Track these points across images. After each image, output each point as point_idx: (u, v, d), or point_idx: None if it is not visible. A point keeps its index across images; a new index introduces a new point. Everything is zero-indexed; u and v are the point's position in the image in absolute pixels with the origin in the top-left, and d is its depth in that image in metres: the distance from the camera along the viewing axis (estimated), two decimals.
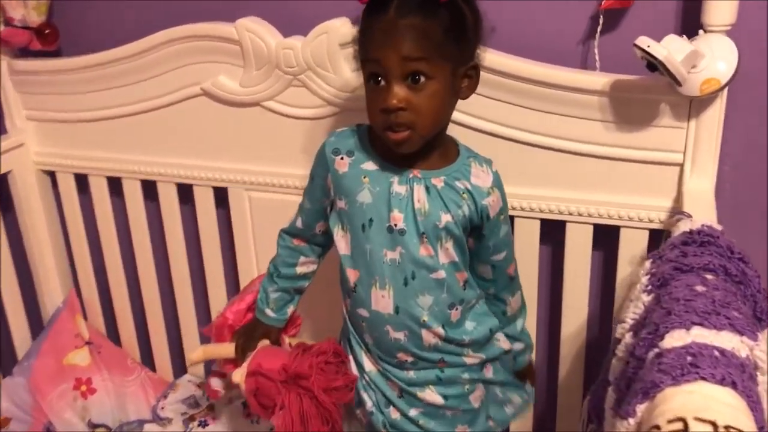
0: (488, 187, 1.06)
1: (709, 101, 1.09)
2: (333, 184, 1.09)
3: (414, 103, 0.97)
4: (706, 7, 1.05)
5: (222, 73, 1.37)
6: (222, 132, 1.43)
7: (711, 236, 0.93)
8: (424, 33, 0.95)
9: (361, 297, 1.08)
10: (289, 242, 1.20)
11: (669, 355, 0.75)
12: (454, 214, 1.03)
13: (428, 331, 1.06)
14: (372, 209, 1.05)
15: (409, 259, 1.04)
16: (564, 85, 1.16)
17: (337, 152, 1.09)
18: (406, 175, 1.04)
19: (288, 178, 1.41)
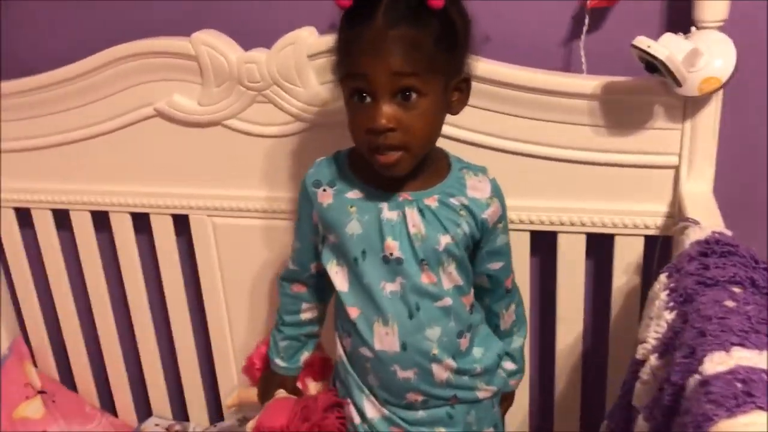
0: (487, 198, 0.98)
1: (705, 100, 1.05)
2: (320, 220, 1.00)
3: (405, 122, 0.88)
4: (698, 3, 1.00)
5: (177, 91, 1.26)
6: (179, 155, 1.31)
7: (731, 246, 0.88)
8: (416, 45, 0.86)
9: (363, 336, 0.98)
10: (288, 289, 1.11)
11: (716, 383, 0.69)
12: (453, 234, 0.95)
13: (439, 365, 0.98)
14: (363, 240, 0.96)
15: (411, 289, 0.96)
16: (551, 90, 1.09)
17: (318, 184, 1.00)
18: (396, 199, 0.96)
19: (255, 201, 1.31)
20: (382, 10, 0.86)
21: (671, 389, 0.77)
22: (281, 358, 1.12)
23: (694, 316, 0.80)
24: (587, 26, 1.10)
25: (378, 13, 0.86)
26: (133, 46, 1.23)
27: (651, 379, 0.86)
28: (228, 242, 1.36)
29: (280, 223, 1.31)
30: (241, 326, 1.43)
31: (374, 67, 0.86)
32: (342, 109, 1.16)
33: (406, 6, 0.87)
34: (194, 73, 1.24)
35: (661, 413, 0.79)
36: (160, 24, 1.26)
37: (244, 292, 1.39)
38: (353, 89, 0.90)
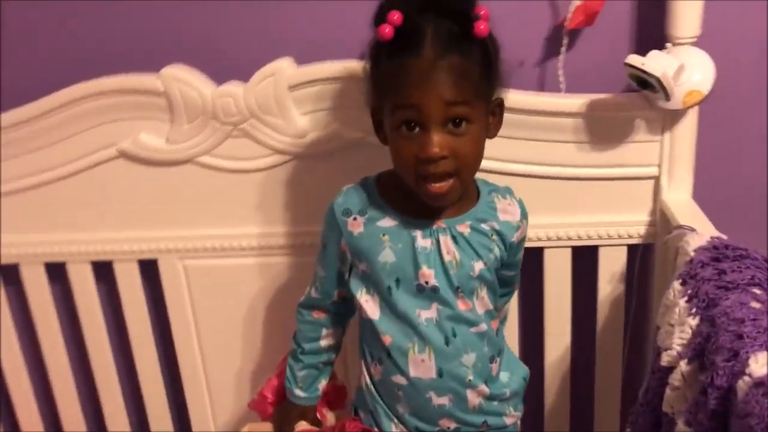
0: (517, 221, 1.00)
1: (683, 113, 1.10)
2: (349, 248, 0.98)
3: (456, 149, 0.88)
4: (672, 20, 1.06)
5: (143, 130, 1.20)
6: (146, 197, 1.25)
7: (743, 249, 0.92)
8: (464, 74, 0.87)
9: (397, 364, 0.97)
10: (308, 316, 1.07)
11: None
12: (486, 260, 0.96)
13: (473, 390, 0.98)
14: (397, 268, 0.95)
15: (448, 317, 0.95)
16: (538, 110, 1.12)
17: (348, 213, 0.97)
18: (430, 226, 0.95)
19: (231, 240, 1.26)
20: (428, 41, 0.86)
21: (716, 393, 0.79)
22: (300, 388, 1.08)
23: (723, 320, 0.83)
24: (565, 46, 1.14)
25: (425, 44, 0.86)
26: (95, 85, 1.16)
27: (683, 385, 0.88)
28: (201, 285, 1.30)
29: (256, 260, 1.27)
30: (217, 373, 1.36)
31: (426, 98, 0.86)
32: (321, 139, 1.17)
33: (450, 35, 0.87)
34: (162, 111, 1.18)
35: (706, 417, 0.81)
36: (116, 61, 1.20)
37: (220, 336, 1.33)
38: (402, 120, 0.88)
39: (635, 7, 1.13)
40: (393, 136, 0.91)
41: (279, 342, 1.32)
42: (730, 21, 1.12)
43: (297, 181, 1.21)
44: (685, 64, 1.03)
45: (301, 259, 1.25)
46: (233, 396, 1.38)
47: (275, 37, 1.19)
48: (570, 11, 1.09)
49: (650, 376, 0.96)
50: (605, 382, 1.29)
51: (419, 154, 0.88)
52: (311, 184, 1.21)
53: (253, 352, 1.34)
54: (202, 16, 1.19)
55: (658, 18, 1.10)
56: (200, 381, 1.36)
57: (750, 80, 1.16)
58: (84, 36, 1.22)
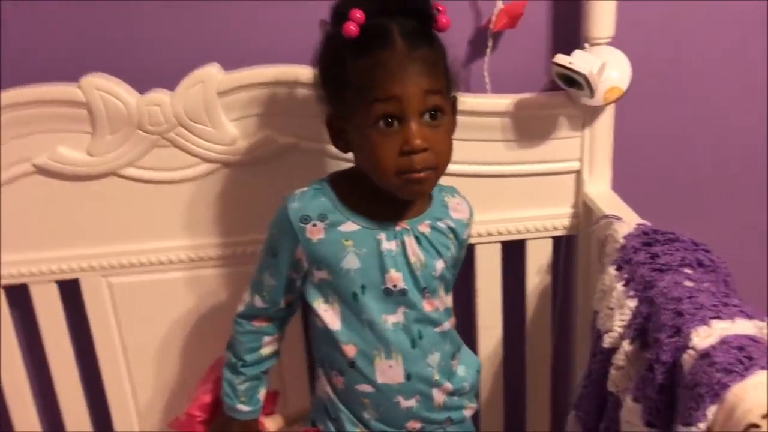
0: (467, 218, 1.02)
1: (601, 109, 1.16)
2: (307, 256, 0.95)
3: (435, 141, 0.89)
4: (589, 22, 1.12)
5: (61, 143, 1.14)
6: (64, 213, 1.18)
7: (671, 233, 0.98)
8: (435, 64, 0.89)
9: (362, 372, 0.96)
10: (248, 326, 1.02)
11: (716, 353, 0.77)
12: (446, 258, 0.98)
13: (439, 389, 0.99)
14: (362, 274, 0.94)
15: (415, 319, 0.96)
16: (466, 111, 1.13)
17: (306, 219, 0.94)
18: (393, 228, 0.95)
19: (158, 254, 1.21)
20: (398, 34, 0.87)
21: (662, 368, 0.84)
22: (243, 402, 1.04)
23: (662, 300, 0.89)
24: (481, 48, 1.18)
25: (395, 37, 0.87)
26: (8, 96, 1.10)
27: (626, 364, 0.93)
28: (128, 302, 1.24)
29: (186, 274, 1.24)
30: (147, 394, 1.31)
31: (406, 88, 0.86)
32: (252, 146, 1.16)
33: (415, 30, 0.88)
34: (83, 122, 1.13)
35: (654, 391, 0.86)
36: (31, 71, 1.14)
37: (149, 354, 1.28)
38: (381, 114, 0.87)
39: (553, 9, 1.18)
40: (368, 135, 0.89)
41: (212, 358, 1.29)
42: (642, 21, 1.20)
43: (228, 190, 1.19)
44: (605, 62, 1.09)
45: (234, 269, 1.23)
46: (163, 417, 1.33)
47: (199, 44, 1.16)
48: (494, 14, 1.13)
49: (592, 358, 1.01)
50: (536, 368, 1.34)
51: (402, 146, 0.87)
52: (243, 193, 1.19)
53: (185, 370, 1.30)
54: (121, 23, 1.15)
55: (574, 20, 1.16)
56: (128, 406, 1.31)
57: (660, 77, 1.24)
58: None
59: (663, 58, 1.23)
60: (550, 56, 1.15)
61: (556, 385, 1.37)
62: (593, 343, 1.02)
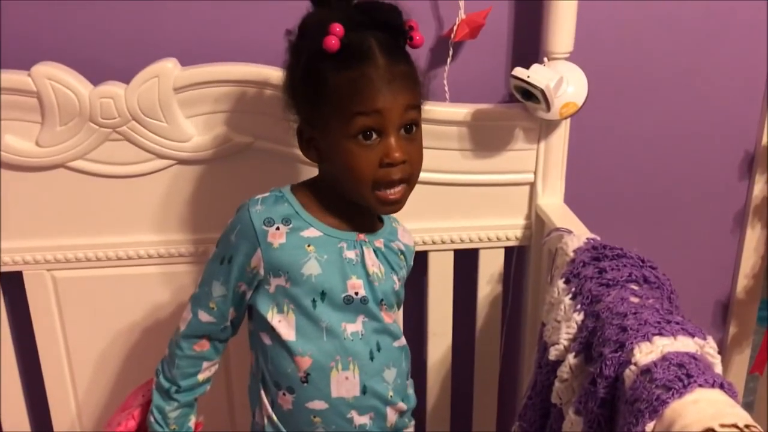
0: (413, 245, 1.06)
1: (557, 123, 1.18)
2: (266, 261, 0.92)
3: (411, 155, 0.91)
4: (549, 37, 1.13)
5: (9, 132, 1.11)
6: (10, 204, 1.15)
7: (620, 249, 1.00)
8: (414, 79, 0.92)
9: (316, 387, 0.94)
10: (189, 350, 0.98)
11: (657, 370, 0.79)
12: (399, 276, 0.99)
13: (392, 408, 0.99)
14: (323, 280, 0.92)
15: (374, 329, 0.96)
16: (427, 119, 1.14)
17: (270, 222, 0.92)
18: (353, 239, 0.95)
19: (106, 249, 1.19)
20: (379, 49, 0.88)
21: (605, 382, 0.86)
22: (173, 430, 1.00)
23: (607, 315, 0.90)
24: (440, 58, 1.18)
25: (376, 52, 0.88)
26: None
27: (570, 377, 0.94)
28: (72, 297, 1.21)
29: (131, 270, 1.21)
30: (88, 394, 1.28)
31: (390, 103, 0.87)
32: (208, 144, 1.15)
33: (392, 45, 0.90)
34: (32, 112, 1.10)
35: (596, 405, 0.87)
36: None
37: (91, 351, 1.25)
38: (361, 128, 0.88)
39: (514, 22, 1.19)
40: (346, 147, 0.89)
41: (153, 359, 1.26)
42: (600, 37, 1.22)
43: (181, 188, 1.17)
44: (562, 77, 1.11)
45: (180, 269, 1.21)
46: (103, 418, 1.30)
47: (156, 38, 1.14)
48: (455, 24, 1.14)
49: (537, 370, 1.02)
50: (484, 377, 1.35)
51: (383, 159, 0.88)
52: (197, 191, 1.17)
53: (127, 370, 1.28)
54: (80, 11, 1.12)
55: (534, 34, 1.17)
56: (70, 405, 1.28)
57: (617, 92, 1.26)
58: None
59: (619, 74, 1.25)
60: (509, 68, 1.16)
61: (503, 394, 1.38)
62: (539, 355, 1.03)
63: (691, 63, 1.27)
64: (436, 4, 1.17)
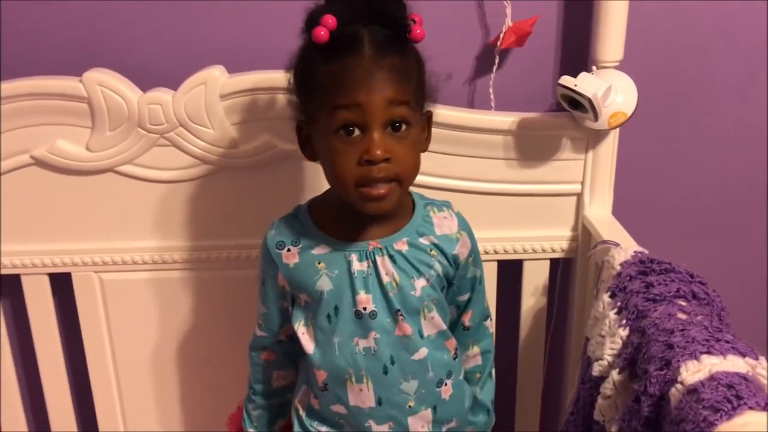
0: (455, 233, 0.96)
1: (605, 133, 1.15)
2: (287, 281, 0.94)
3: (397, 153, 0.85)
4: (598, 45, 1.11)
5: (61, 136, 1.14)
6: (60, 207, 1.18)
7: (668, 263, 0.97)
8: (404, 74, 0.86)
9: (335, 394, 0.95)
10: (257, 359, 1.03)
11: (705, 390, 0.76)
12: (428, 276, 0.93)
13: (416, 417, 0.96)
14: (335, 296, 0.92)
15: (386, 344, 0.93)
16: (470, 127, 1.14)
17: (281, 245, 0.94)
18: (364, 249, 0.92)
19: (152, 253, 1.21)
20: (366, 42, 0.84)
21: (649, 400, 0.83)
22: (254, 427, 1.05)
23: (653, 331, 0.88)
24: (496, 65, 1.17)
25: (364, 44, 0.84)
26: (10, 88, 1.09)
27: (614, 394, 0.92)
28: (119, 300, 1.24)
29: (176, 274, 1.23)
30: (133, 396, 1.30)
31: (370, 96, 0.83)
32: (251, 151, 1.15)
33: (387, 38, 0.86)
34: (83, 117, 1.12)
35: (639, 424, 0.84)
36: (36, 64, 1.14)
37: (137, 353, 1.27)
38: (342, 122, 0.85)
39: (562, 30, 1.17)
40: (329, 142, 0.87)
41: (200, 358, 1.28)
42: (651, 47, 1.19)
43: (225, 193, 1.18)
44: (611, 86, 1.08)
45: (227, 273, 1.22)
46: (149, 416, 1.32)
47: (204, 46, 1.16)
48: (502, 32, 1.12)
49: (580, 386, 1.00)
50: (526, 391, 1.32)
51: (362, 156, 0.84)
52: (240, 196, 1.18)
53: (174, 370, 1.29)
54: (128, 21, 1.15)
55: (583, 42, 1.15)
56: (114, 405, 1.30)
57: (667, 103, 1.23)
58: (2, 37, 1.15)
59: (671, 83, 1.22)
60: (556, 77, 1.14)
61: (546, 408, 1.35)
62: (582, 370, 1.01)
63: (746, 71, 1.23)
64: (483, 12, 1.16)
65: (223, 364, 1.27)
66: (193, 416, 1.33)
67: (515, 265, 1.25)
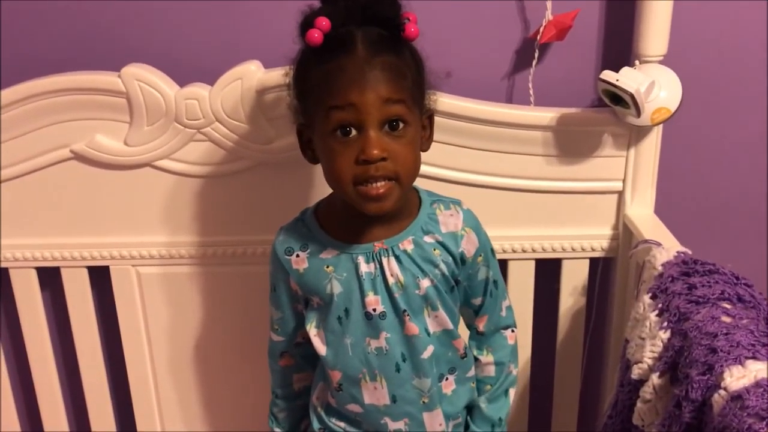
0: (460, 230, 0.94)
1: (648, 129, 1.12)
2: (299, 285, 0.95)
3: (395, 151, 0.85)
4: (641, 39, 1.07)
5: (100, 131, 1.15)
6: (99, 201, 1.19)
7: (712, 264, 0.94)
8: (400, 72, 0.85)
9: (350, 394, 0.95)
10: (275, 365, 1.05)
11: (750, 397, 0.73)
12: (432, 276, 0.92)
13: (431, 413, 0.96)
14: (345, 299, 0.92)
15: (396, 343, 0.93)
16: (508, 123, 1.12)
17: (290, 251, 0.94)
18: (370, 250, 0.92)
19: (189, 247, 1.22)
20: (360, 42, 0.84)
21: (691, 406, 0.81)
22: (282, 427, 1.06)
23: (696, 334, 0.85)
24: (536, 60, 1.14)
25: (357, 44, 0.84)
26: (51, 83, 1.11)
27: (654, 398, 0.89)
28: (156, 293, 1.25)
29: (214, 269, 1.23)
30: (170, 389, 1.31)
31: (364, 95, 0.82)
32: (286, 147, 1.15)
33: (381, 37, 0.86)
34: (121, 111, 1.13)
35: (680, 430, 0.82)
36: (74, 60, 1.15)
37: (173, 347, 1.29)
38: (338, 123, 0.84)
39: (604, 23, 1.14)
40: (326, 144, 0.86)
41: (234, 354, 1.29)
42: (695, 41, 1.15)
43: (261, 189, 1.18)
44: (654, 81, 1.05)
45: (255, 269, 1.21)
46: (184, 408, 1.33)
47: (241, 41, 1.16)
48: (542, 25, 1.10)
49: (619, 389, 0.97)
50: (563, 393, 1.30)
51: (359, 155, 0.84)
52: (275, 192, 1.18)
53: (207, 365, 1.30)
54: (165, 17, 1.15)
55: (626, 36, 1.12)
56: (150, 396, 1.32)
57: (712, 97, 1.19)
58: (42, 33, 1.16)
59: (716, 78, 1.18)
60: (598, 71, 1.11)
61: (584, 411, 1.32)
62: (621, 373, 0.98)
63: None
64: (522, 5, 1.13)
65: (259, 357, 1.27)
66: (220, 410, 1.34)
67: (554, 265, 1.22)
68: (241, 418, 1.33)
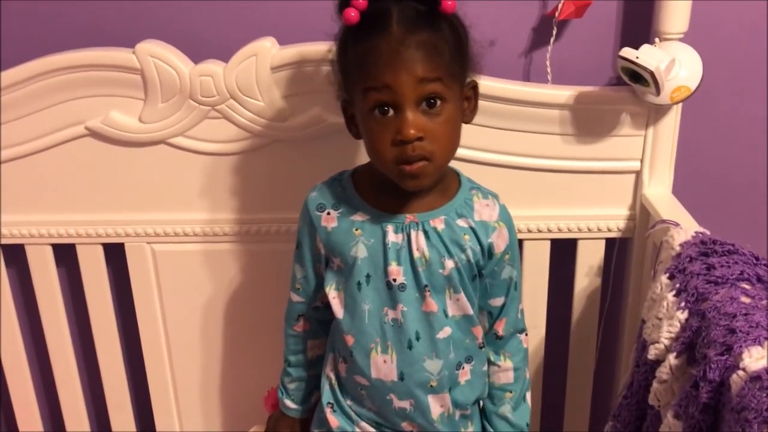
0: (494, 221, 0.95)
1: (667, 108, 1.10)
2: (324, 244, 0.95)
3: (432, 130, 0.85)
4: (661, 16, 1.06)
5: (114, 108, 1.14)
6: (114, 178, 1.19)
7: (731, 245, 0.93)
8: (436, 49, 0.84)
9: (358, 364, 0.95)
10: (291, 330, 1.05)
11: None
12: (457, 259, 0.92)
13: (436, 397, 0.95)
14: (368, 264, 0.92)
15: (412, 318, 0.93)
16: (525, 101, 1.11)
17: (322, 208, 0.95)
18: (401, 221, 0.92)
19: (203, 225, 1.22)
20: (395, 19, 0.83)
21: (709, 386, 0.80)
22: (292, 399, 1.06)
23: (714, 315, 0.84)
24: (554, 37, 1.13)
25: (392, 22, 0.83)
26: (65, 59, 1.10)
27: (671, 378, 0.88)
28: (170, 270, 1.25)
29: (226, 246, 1.23)
30: (184, 366, 1.32)
31: (399, 76, 0.82)
32: (302, 124, 1.14)
33: (417, 13, 0.84)
34: (136, 88, 1.13)
35: (697, 410, 0.81)
36: (88, 36, 1.15)
37: (188, 323, 1.29)
38: (374, 103, 0.85)
39: (624, 1, 1.12)
40: (366, 123, 0.87)
41: (248, 331, 1.29)
42: (717, 18, 1.13)
43: (276, 166, 1.18)
44: (674, 59, 1.03)
45: (276, 246, 1.22)
46: (198, 386, 1.34)
47: (256, 17, 1.15)
48: (560, 2, 1.08)
49: (635, 369, 0.97)
50: (577, 373, 1.29)
51: (395, 136, 0.84)
52: (290, 169, 1.18)
53: (222, 341, 1.31)
54: None
55: (645, 13, 1.10)
56: (165, 372, 1.32)
57: (733, 76, 1.17)
58: (55, 9, 1.16)
59: (737, 57, 1.16)
60: (617, 49, 1.10)
61: (598, 390, 1.32)
62: (638, 353, 0.97)
63: None
64: None
65: (269, 335, 1.27)
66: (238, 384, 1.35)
67: (569, 245, 1.22)
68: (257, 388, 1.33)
